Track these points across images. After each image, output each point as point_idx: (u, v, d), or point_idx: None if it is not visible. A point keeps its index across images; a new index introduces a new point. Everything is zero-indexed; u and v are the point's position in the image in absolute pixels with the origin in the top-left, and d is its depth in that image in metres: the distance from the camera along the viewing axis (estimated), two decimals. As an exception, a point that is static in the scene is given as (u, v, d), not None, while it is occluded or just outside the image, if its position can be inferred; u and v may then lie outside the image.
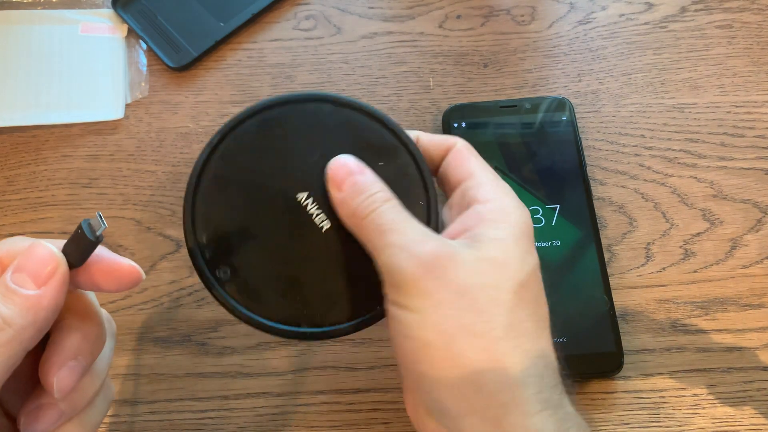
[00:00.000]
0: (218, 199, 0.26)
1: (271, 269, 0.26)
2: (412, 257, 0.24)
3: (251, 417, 0.35)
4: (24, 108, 0.43)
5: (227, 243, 0.26)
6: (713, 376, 0.35)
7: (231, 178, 0.26)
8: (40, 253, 0.22)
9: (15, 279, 0.22)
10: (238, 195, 0.26)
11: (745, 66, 0.43)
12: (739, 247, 0.38)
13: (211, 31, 0.45)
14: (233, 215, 0.26)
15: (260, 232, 0.26)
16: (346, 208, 0.26)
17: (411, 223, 0.25)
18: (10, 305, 0.21)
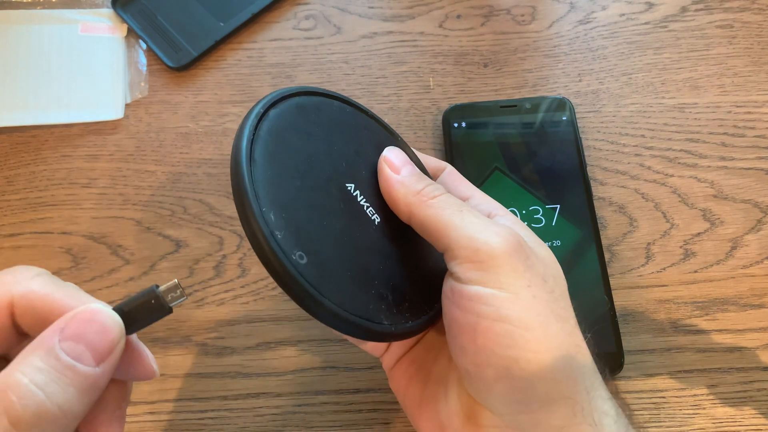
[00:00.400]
0: (276, 176, 0.23)
1: (343, 257, 0.23)
2: (501, 234, 0.23)
3: (251, 417, 0.35)
4: (23, 108, 0.43)
5: (295, 223, 0.22)
6: (714, 376, 0.35)
7: (283, 156, 0.23)
8: (102, 322, 0.19)
9: (71, 351, 0.18)
10: (295, 175, 0.23)
11: (745, 66, 0.43)
12: (740, 247, 0.38)
13: (211, 31, 0.45)
14: (296, 195, 0.23)
15: (325, 216, 0.23)
16: (403, 188, 0.25)
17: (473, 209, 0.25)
18: (68, 387, 0.17)
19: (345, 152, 0.26)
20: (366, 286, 0.23)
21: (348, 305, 0.22)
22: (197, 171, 0.41)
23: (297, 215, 0.22)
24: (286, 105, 0.25)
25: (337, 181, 0.25)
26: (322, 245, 0.23)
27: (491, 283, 0.22)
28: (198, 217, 0.40)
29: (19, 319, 0.20)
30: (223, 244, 0.39)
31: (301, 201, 0.23)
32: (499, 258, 0.22)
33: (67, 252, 0.39)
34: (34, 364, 0.17)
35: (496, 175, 0.39)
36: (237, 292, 0.38)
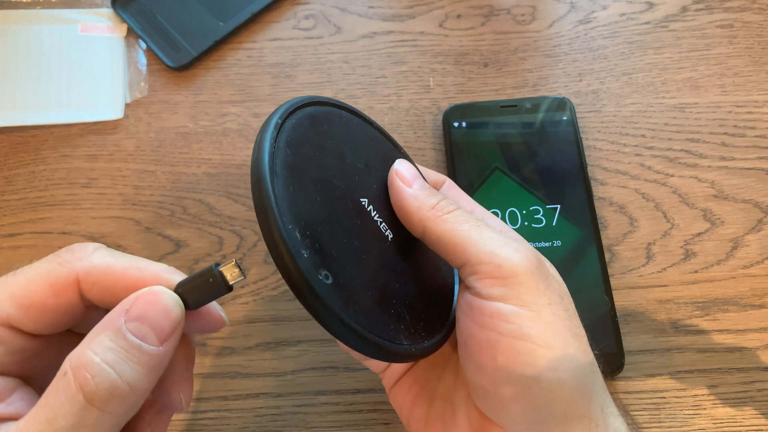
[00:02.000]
0: (297, 191, 0.22)
1: (364, 276, 0.23)
2: (522, 251, 0.23)
3: (251, 417, 0.35)
4: (23, 108, 0.43)
5: (319, 242, 0.21)
6: (714, 376, 0.35)
7: (303, 170, 0.23)
8: (164, 304, 0.19)
9: (137, 331, 0.19)
10: (315, 190, 0.23)
11: (746, 66, 0.43)
12: (740, 248, 0.38)
13: (211, 31, 0.45)
14: (318, 211, 0.22)
15: (345, 233, 0.23)
16: (416, 201, 0.25)
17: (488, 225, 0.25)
18: (135, 365, 0.18)
19: (357, 165, 0.25)
20: (386, 306, 0.23)
21: (372, 327, 0.22)
22: (197, 171, 0.41)
23: (320, 232, 0.22)
24: (300, 116, 0.24)
25: (352, 195, 0.24)
26: (345, 264, 0.22)
27: (513, 300, 0.22)
28: (198, 217, 0.40)
29: (86, 293, 0.21)
30: (222, 245, 0.39)
31: (322, 217, 0.22)
32: (521, 275, 0.22)
33: (66, 252, 0.39)
34: (104, 344, 0.18)
35: (497, 175, 0.39)
36: (237, 292, 0.38)
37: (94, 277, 0.20)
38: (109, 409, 0.18)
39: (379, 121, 0.42)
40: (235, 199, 0.40)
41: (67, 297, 0.20)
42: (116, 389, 0.18)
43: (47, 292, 0.20)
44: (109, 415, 0.18)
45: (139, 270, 0.21)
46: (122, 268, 0.21)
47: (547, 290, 0.22)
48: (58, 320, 0.21)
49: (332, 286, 0.21)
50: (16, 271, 0.21)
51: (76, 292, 0.21)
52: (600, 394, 0.23)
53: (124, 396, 0.18)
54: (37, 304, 0.20)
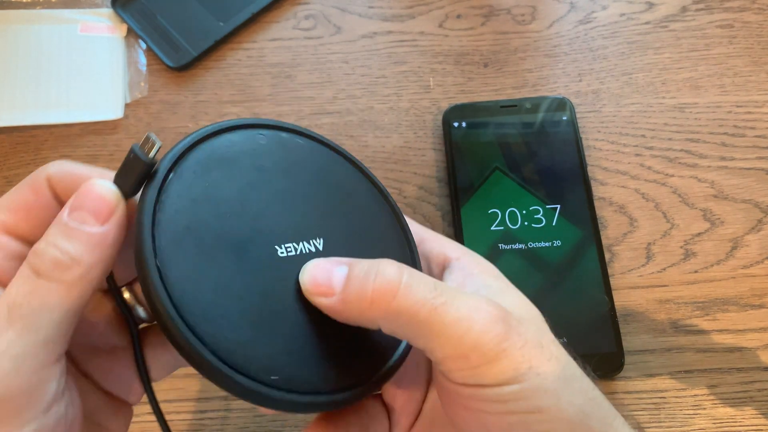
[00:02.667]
0: (199, 274, 0.20)
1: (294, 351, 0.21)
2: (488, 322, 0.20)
3: (251, 417, 0.35)
4: (23, 108, 0.43)
5: (247, 334, 0.20)
6: (714, 376, 0.35)
7: (193, 238, 0.21)
8: (97, 191, 0.21)
9: (75, 217, 0.21)
10: (217, 261, 0.21)
11: (745, 66, 0.43)
12: (740, 248, 0.38)
13: (211, 31, 0.45)
14: (235, 297, 0.20)
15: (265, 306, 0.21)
16: (351, 306, 0.21)
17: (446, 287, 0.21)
18: (75, 242, 0.20)
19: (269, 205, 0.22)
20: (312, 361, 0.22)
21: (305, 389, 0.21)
22: (197, 171, 0.41)
23: (242, 323, 0.20)
24: (185, 167, 0.22)
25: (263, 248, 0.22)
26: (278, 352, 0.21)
27: (491, 382, 0.20)
28: (198, 217, 0.40)
29: (58, 191, 0.23)
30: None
31: (240, 303, 0.20)
32: (494, 359, 0.20)
33: (66, 252, 0.39)
34: (50, 234, 0.21)
35: (497, 175, 0.39)
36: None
37: (60, 175, 0.23)
38: (56, 277, 0.20)
39: (379, 122, 0.42)
40: (235, 199, 0.40)
41: (45, 194, 0.23)
42: (58, 262, 0.20)
43: (27, 192, 0.23)
44: (57, 283, 0.20)
45: (98, 173, 0.23)
46: (85, 170, 0.23)
47: (524, 353, 0.20)
48: (43, 217, 0.23)
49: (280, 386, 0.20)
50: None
51: (48, 188, 0.23)
52: (610, 418, 0.22)
53: (66, 267, 0.20)
54: (21, 204, 0.23)
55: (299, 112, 0.43)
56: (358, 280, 0.21)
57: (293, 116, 0.43)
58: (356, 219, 0.25)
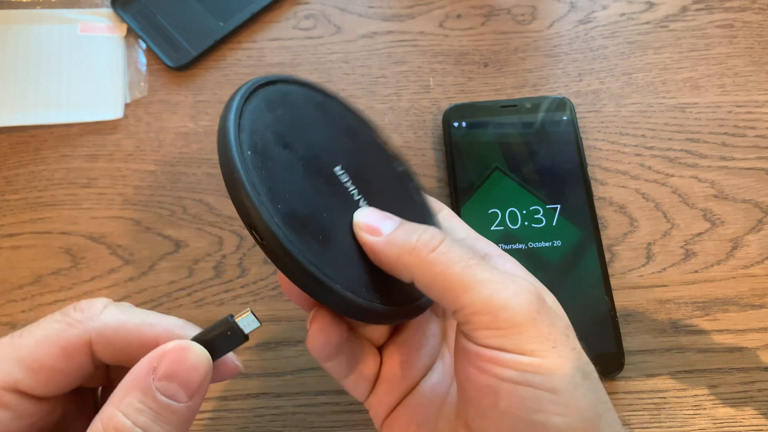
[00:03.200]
0: (274, 173, 0.22)
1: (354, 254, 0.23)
2: (521, 294, 0.21)
3: (251, 418, 0.35)
4: (23, 108, 0.43)
5: (308, 228, 0.22)
6: (714, 376, 0.35)
7: (271, 152, 0.23)
8: (192, 360, 0.19)
9: (166, 391, 0.19)
10: (287, 170, 0.23)
11: (746, 66, 0.43)
12: (740, 248, 0.38)
13: (211, 31, 0.45)
14: (298, 193, 0.22)
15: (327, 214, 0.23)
16: (394, 248, 0.22)
17: (481, 257, 0.22)
18: (166, 426, 0.18)
19: (323, 135, 0.25)
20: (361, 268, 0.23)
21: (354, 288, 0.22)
22: (197, 171, 0.41)
23: (304, 216, 0.22)
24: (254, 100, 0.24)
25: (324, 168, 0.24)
26: (335, 247, 0.22)
27: (514, 349, 0.20)
28: (197, 217, 0.40)
29: (99, 354, 0.20)
30: (222, 244, 0.39)
31: (304, 200, 0.23)
32: (521, 324, 0.20)
33: (66, 252, 0.39)
34: (133, 405, 0.18)
35: (497, 175, 0.39)
36: (237, 293, 0.38)
37: (106, 337, 0.20)
38: None
39: (379, 122, 0.42)
40: (235, 199, 0.40)
41: (78, 359, 0.20)
42: None
43: (58, 354, 0.20)
44: None
45: (152, 326, 0.21)
46: (135, 326, 0.21)
47: (551, 332, 0.21)
48: (69, 382, 0.20)
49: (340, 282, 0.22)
50: (22, 331, 0.20)
51: (88, 353, 0.20)
52: (608, 424, 0.22)
53: None
54: (47, 367, 0.20)
55: (299, 112, 0.43)
56: (406, 230, 0.22)
57: (293, 116, 0.42)
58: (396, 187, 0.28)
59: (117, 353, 0.20)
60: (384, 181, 0.27)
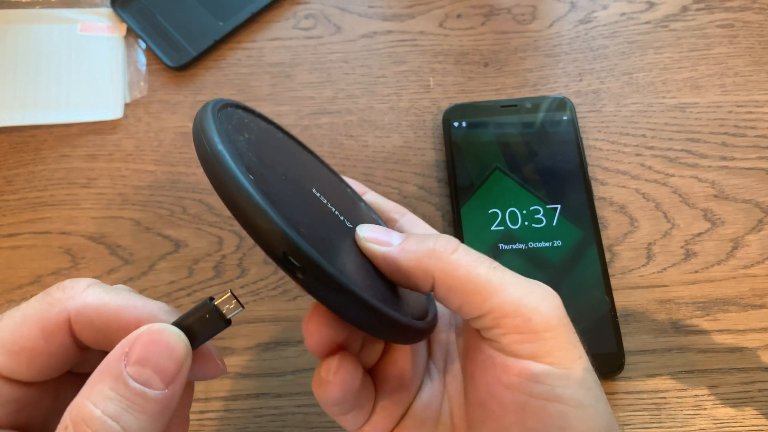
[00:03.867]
0: (281, 195, 0.20)
1: (359, 266, 0.22)
2: (548, 298, 0.20)
3: (250, 418, 0.35)
4: (22, 108, 0.42)
5: (320, 244, 0.20)
6: (715, 376, 0.35)
7: (265, 174, 0.20)
8: (167, 342, 0.18)
9: (139, 377, 0.17)
10: (287, 191, 0.21)
11: (746, 65, 0.43)
12: (741, 248, 0.38)
13: (211, 31, 0.44)
14: (308, 215, 0.21)
15: (332, 234, 0.21)
16: (411, 254, 0.21)
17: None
18: (140, 414, 0.17)
19: (291, 160, 0.24)
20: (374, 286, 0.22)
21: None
22: (197, 171, 0.41)
23: (314, 234, 0.20)
24: (223, 121, 0.21)
25: (307, 188, 0.23)
26: (344, 261, 0.21)
27: (545, 358, 0.19)
28: (197, 217, 0.40)
29: (78, 334, 0.19)
30: (222, 245, 0.39)
31: (307, 217, 0.20)
32: (553, 329, 0.19)
33: (66, 252, 0.39)
34: (103, 393, 0.17)
35: (497, 175, 0.39)
36: (236, 293, 0.38)
37: (85, 316, 0.19)
38: None
39: (379, 121, 0.42)
40: (234, 199, 0.40)
41: (58, 339, 0.19)
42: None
43: (37, 335, 0.19)
44: None
45: (136, 309, 0.19)
46: (116, 307, 0.19)
47: (577, 342, 0.20)
48: (52, 364, 0.19)
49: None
50: (3, 315, 0.19)
51: (68, 333, 0.19)
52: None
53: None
54: (27, 349, 0.19)
55: (299, 111, 0.43)
56: (418, 238, 0.21)
57: (293, 116, 0.42)
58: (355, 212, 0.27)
59: (97, 334, 0.19)
60: (347, 202, 0.27)
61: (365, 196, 0.31)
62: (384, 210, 0.30)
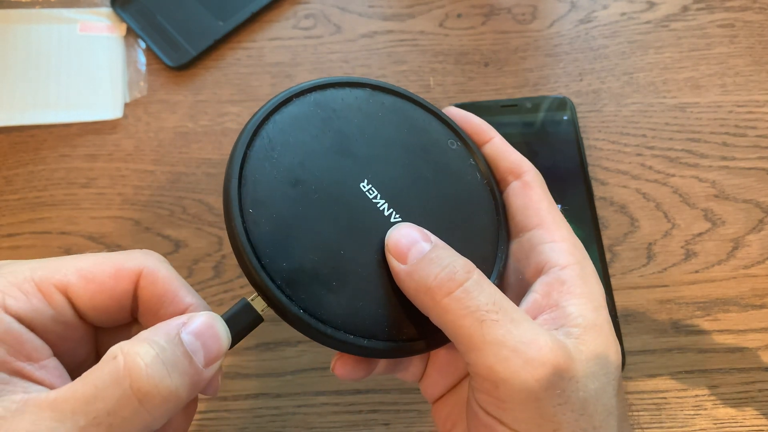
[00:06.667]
0: (280, 225, 0.22)
1: (367, 291, 0.23)
2: (530, 367, 0.19)
3: (250, 418, 0.35)
4: (22, 107, 0.42)
5: (318, 277, 0.22)
6: (715, 377, 0.35)
7: (277, 200, 0.23)
8: (217, 330, 0.20)
9: (190, 344, 0.19)
10: (297, 214, 0.23)
11: (746, 65, 0.43)
12: (741, 248, 0.38)
13: (211, 30, 0.44)
14: (309, 238, 0.22)
15: (345, 250, 0.23)
16: (413, 282, 0.21)
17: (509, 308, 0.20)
18: (183, 375, 0.18)
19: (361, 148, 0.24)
20: (387, 299, 0.23)
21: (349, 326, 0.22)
22: (196, 171, 0.41)
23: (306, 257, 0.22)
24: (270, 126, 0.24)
25: (345, 187, 0.24)
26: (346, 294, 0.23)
27: (509, 423, 0.19)
28: (197, 218, 0.40)
29: (140, 289, 0.22)
30: (222, 245, 0.39)
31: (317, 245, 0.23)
32: (522, 402, 0.19)
33: (65, 252, 0.39)
34: (159, 342, 0.19)
35: (497, 175, 0.39)
36: (236, 293, 0.38)
37: (154, 277, 0.22)
38: (148, 406, 0.18)
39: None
40: (234, 199, 0.40)
41: (124, 285, 0.21)
42: (162, 386, 0.18)
43: (110, 272, 0.21)
44: (144, 414, 0.18)
45: (191, 294, 0.22)
46: (178, 285, 0.22)
47: (556, 414, 0.19)
48: (110, 307, 0.21)
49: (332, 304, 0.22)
50: (89, 254, 0.22)
51: (134, 283, 0.21)
52: None
53: (165, 397, 0.18)
54: (98, 281, 0.21)
55: (299, 111, 0.43)
56: (429, 264, 0.21)
57: (293, 116, 0.42)
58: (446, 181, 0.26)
59: (153, 298, 0.22)
60: (430, 176, 0.25)
61: (491, 142, 0.27)
62: (501, 166, 0.27)
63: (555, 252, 0.23)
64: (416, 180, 0.25)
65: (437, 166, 0.26)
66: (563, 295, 0.21)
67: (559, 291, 0.22)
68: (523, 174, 0.25)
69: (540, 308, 0.22)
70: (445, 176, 0.26)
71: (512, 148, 0.26)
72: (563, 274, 0.22)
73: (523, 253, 0.24)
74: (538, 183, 0.25)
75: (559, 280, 0.22)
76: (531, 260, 0.23)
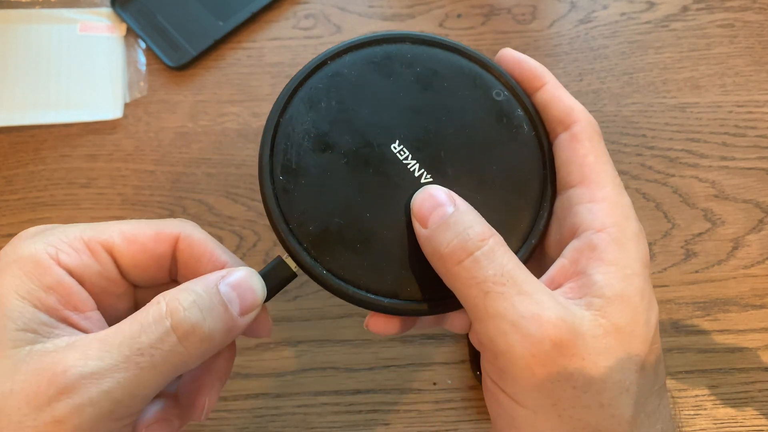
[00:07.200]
0: (308, 191, 0.24)
1: (389, 251, 0.23)
2: (527, 343, 0.19)
3: (250, 418, 0.35)
4: (22, 107, 0.42)
5: (344, 239, 0.24)
6: (715, 377, 0.35)
7: (307, 165, 0.24)
8: (252, 283, 0.22)
9: (227, 294, 0.21)
10: (325, 178, 0.24)
11: (746, 65, 0.43)
12: (741, 248, 0.38)
13: (211, 30, 0.44)
14: (335, 202, 0.24)
15: (371, 213, 0.24)
16: (430, 247, 0.21)
17: (519, 279, 0.19)
18: (217, 319, 0.20)
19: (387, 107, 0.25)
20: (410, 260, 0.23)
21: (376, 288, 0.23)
22: (196, 171, 0.41)
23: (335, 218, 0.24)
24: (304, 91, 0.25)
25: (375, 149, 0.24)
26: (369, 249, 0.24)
27: (510, 393, 0.20)
28: (197, 218, 0.40)
29: (178, 252, 0.24)
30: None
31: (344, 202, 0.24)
32: (519, 375, 0.19)
33: (65, 252, 0.39)
34: (197, 291, 0.21)
35: (497, 175, 0.39)
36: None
37: (190, 240, 0.24)
38: (185, 343, 0.19)
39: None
40: (234, 199, 0.40)
41: (164, 247, 0.23)
42: (198, 327, 0.20)
43: (151, 236, 0.23)
44: (182, 349, 0.19)
45: (226, 254, 0.24)
46: (213, 247, 0.24)
47: (555, 389, 0.19)
48: (150, 267, 0.23)
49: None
50: (131, 219, 0.24)
51: (173, 246, 0.23)
52: None
53: (201, 337, 0.20)
54: (140, 243, 0.23)
55: (299, 111, 0.43)
56: (448, 229, 0.21)
57: (293, 116, 0.42)
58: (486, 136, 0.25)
59: (190, 260, 0.23)
60: (469, 132, 0.25)
61: (543, 88, 0.26)
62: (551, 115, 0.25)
63: (591, 213, 0.21)
64: (453, 137, 0.24)
65: (478, 121, 0.25)
66: (592, 261, 0.20)
67: (588, 257, 0.20)
68: (573, 124, 0.23)
69: (566, 275, 0.21)
70: (486, 131, 0.25)
71: (567, 93, 0.25)
72: (596, 238, 0.20)
73: (563, 213, 0.23)
74: (586, 135, 0.23)
75: (590, 245, 0.20)
76: (567, 221, 0.22)
